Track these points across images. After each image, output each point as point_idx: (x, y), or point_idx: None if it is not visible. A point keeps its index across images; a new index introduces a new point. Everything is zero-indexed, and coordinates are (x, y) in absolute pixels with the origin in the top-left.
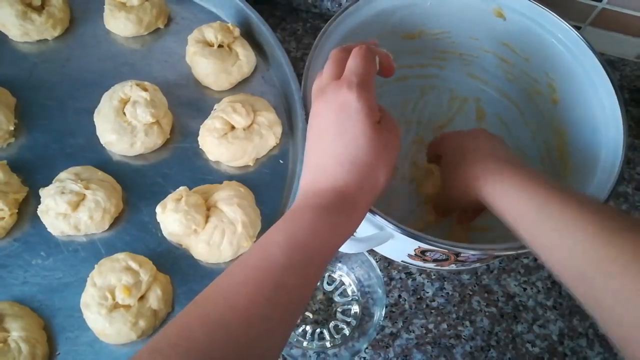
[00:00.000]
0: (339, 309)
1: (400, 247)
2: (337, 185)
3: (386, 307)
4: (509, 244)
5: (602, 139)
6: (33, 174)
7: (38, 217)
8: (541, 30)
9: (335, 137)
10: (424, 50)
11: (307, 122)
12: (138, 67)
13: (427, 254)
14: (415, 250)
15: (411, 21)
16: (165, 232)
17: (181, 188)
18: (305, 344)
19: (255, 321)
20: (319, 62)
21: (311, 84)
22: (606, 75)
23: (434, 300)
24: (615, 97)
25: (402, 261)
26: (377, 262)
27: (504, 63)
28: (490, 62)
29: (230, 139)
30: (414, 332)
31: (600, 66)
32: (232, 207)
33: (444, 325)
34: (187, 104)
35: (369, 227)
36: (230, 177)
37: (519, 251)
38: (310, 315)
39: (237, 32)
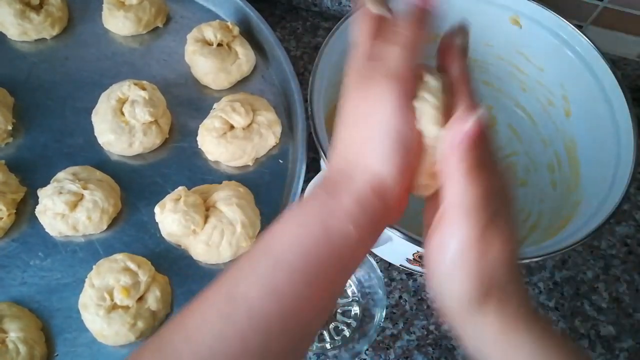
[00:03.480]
0: (339, 310)
1: (399, 250)
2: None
3: (387, 308)
4: None
5: (614, 149)
6: (31, 174)
7: (36, 218)
8: (557, 40)
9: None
10: None
11: (307, 121)
12: (137, 66)
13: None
14: (414, 255)
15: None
16: (164, 233)
17: (180, 188)
18: None
19: (205, 343)
20: (328, 61)
21: (318, 85)
22: (620, 89)
23: (435, 302)
24: (629, 112)
25: (400, 265)
26: (377, 262)
27: (518, 72)
28: (505, 70)
29: (230, 138)
30: (414, 333)
31: (615, 80)
32: (232, 207)
33: (445, 327)
34: (186, 103)
35: None
36: (230, 177)
37: (518, 261)
38: None
39: (236, 30)
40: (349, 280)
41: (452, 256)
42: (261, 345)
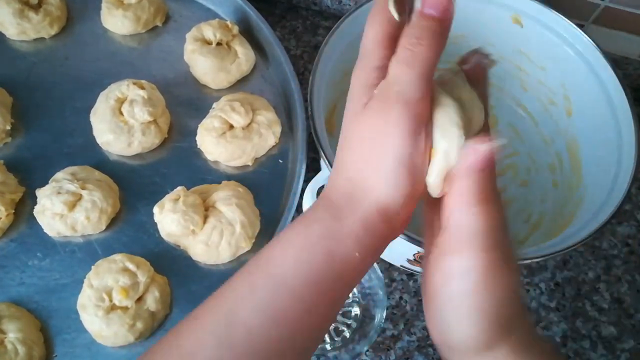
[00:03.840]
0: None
1: (399, 251)
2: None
3: (387, 308)
4: None
5: (615, 149)
6: (30, 174)
7: (35, 218)
8: (558, 39)
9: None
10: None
11: (307, 121)
12: (136, 66)
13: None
14: (414, 255)
15: None
16: (163, 233)
17: (179, 188)
18: None
19: None
20: (328, 61)
21: (318, 84)
22: (622, 89)
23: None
24: (630, 112)
25: (401, 266)
26: (378, 263)
27: (519, 71)
28: (506, 69)
29: (229, 138)
30: (415, 334)
31: (617, 79)
32: (231, 207)
33: None
34: (185, 102)
35: None
36: (229, 177)
37: (520, 262)
38: None
39: (235, 30)
40: None
41: (462, 290)
42: None
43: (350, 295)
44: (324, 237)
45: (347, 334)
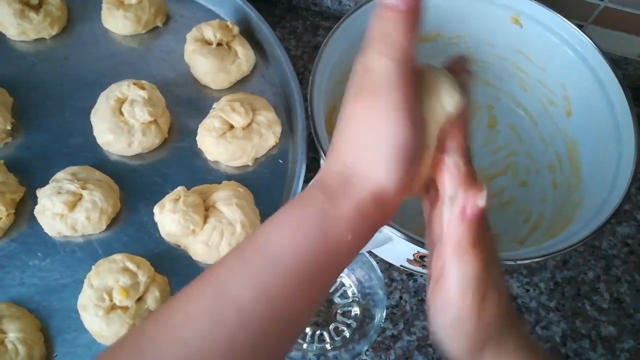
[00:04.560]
0: (339, 311)
1: (399, 250)
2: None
3: (387, 308)
4: (509, 254)
5: (615, 149)
6: (30, 174)
7: (35, 218)
8: (558, 40)
9: None
10: (440, 55)
11: (307, 121)
12: (136, 66)
13: (427, 259)
14: (414, 255)
15: (427, 23)
16: (163, 233)
17: (179, 188)
18: (304, 346)
19: (191, 343)
20: (328, 61)
21: (318, 84)
22: (621, 89)
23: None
24: (630, 112)
25: (401, 266)
26: (377, 263)
27: (519, 71)
28: (506, 69)
29: (229, 138)
30: (415, 334)
31: (616, 80)
32: (231, 207)
33: None
34: (185, 103)
35: None
36: (229, 177)
37: (519, 262)
38: None
39: (236, 30)
40: (349, 281)
41: (452, 321)
42: (248, 346)
43: (350, 294)
44: (318, 219)
45: (347, 334)
